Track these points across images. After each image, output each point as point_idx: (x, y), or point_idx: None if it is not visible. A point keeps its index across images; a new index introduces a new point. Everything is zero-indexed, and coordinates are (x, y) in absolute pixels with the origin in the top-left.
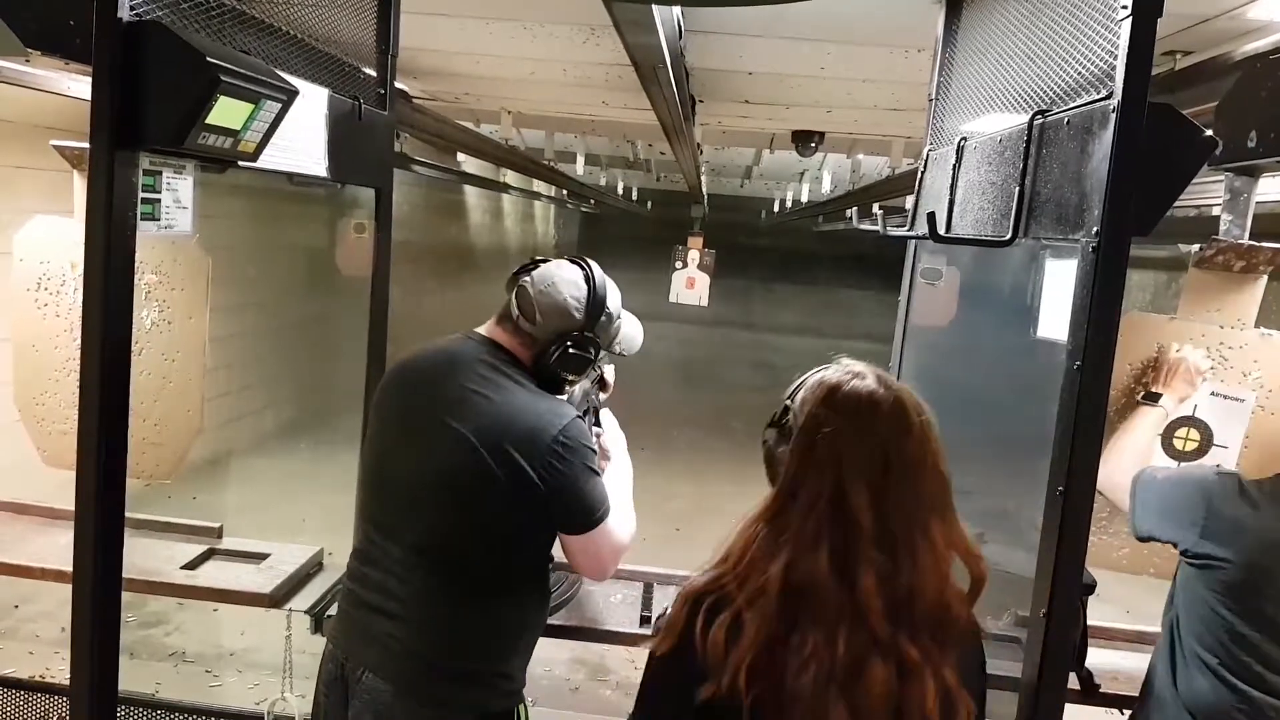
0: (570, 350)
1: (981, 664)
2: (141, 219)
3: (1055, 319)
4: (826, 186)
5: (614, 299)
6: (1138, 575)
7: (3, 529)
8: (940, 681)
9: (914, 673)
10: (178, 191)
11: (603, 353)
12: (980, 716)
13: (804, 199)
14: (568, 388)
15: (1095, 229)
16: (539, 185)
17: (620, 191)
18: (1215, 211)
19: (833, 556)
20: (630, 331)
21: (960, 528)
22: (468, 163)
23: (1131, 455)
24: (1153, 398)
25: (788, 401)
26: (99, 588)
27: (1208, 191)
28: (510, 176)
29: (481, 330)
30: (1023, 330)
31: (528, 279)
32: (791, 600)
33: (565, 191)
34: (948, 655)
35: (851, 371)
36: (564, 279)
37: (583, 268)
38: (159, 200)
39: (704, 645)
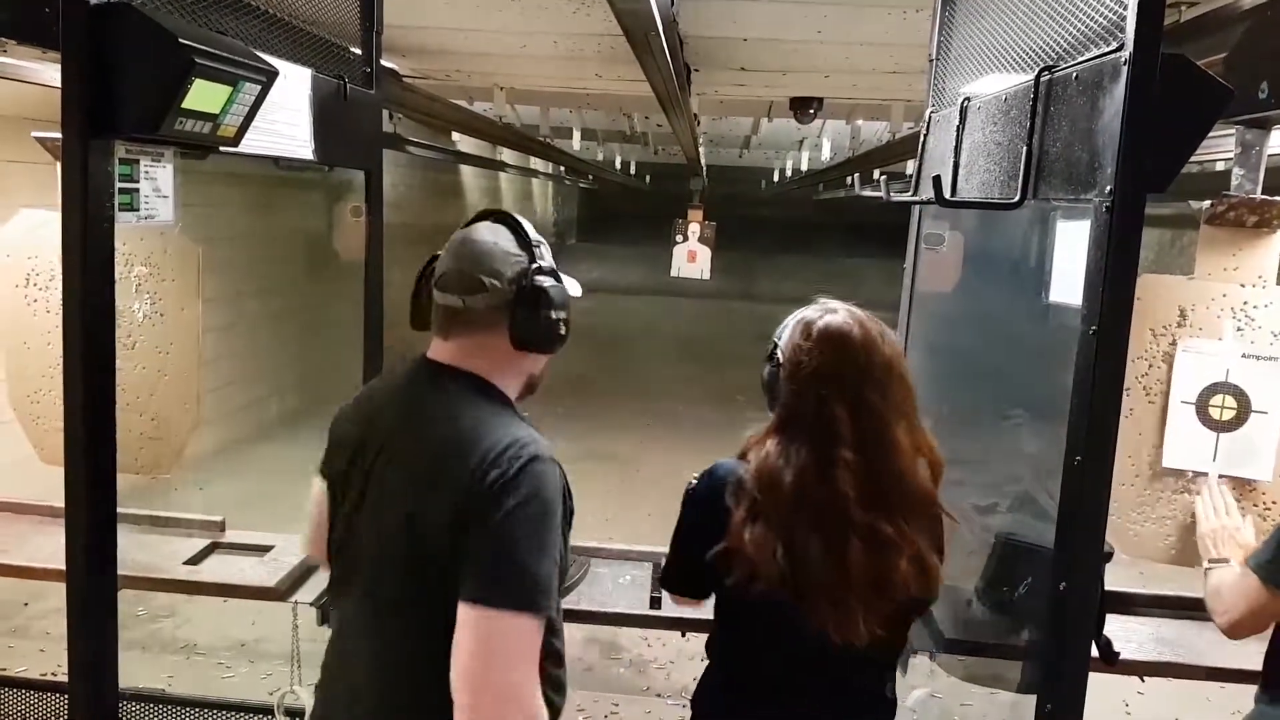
0: (539, 285)
1: (940, 532)
2: (120, 209)
3: (1068, 283)
4: (826, 154)
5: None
6: (1191, 568)
7: (3, 528)
8: (912, 551)
9: (888, 546)
10: (157, 180)
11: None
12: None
13: (804, 167)
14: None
15: (1109, 188)
16: (536, 163)
17: (618, 166)
18: (1222, 166)
19: (815, 460)
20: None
21: (922, 427)
22: (463, 142)
23: (1230, 589)
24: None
25: (775, 339)
26: (92, 584)
27: (1217, 145)
28: (507, 154)
29: (428, 353)
30: (1033, 295)
31: (431, 272)
32: (793, 496)
33: (563, 168)
34: (918, 530)
35: (826, 308)
36: (468, 235)
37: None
38: (137, 190)
39: (728, 516)
